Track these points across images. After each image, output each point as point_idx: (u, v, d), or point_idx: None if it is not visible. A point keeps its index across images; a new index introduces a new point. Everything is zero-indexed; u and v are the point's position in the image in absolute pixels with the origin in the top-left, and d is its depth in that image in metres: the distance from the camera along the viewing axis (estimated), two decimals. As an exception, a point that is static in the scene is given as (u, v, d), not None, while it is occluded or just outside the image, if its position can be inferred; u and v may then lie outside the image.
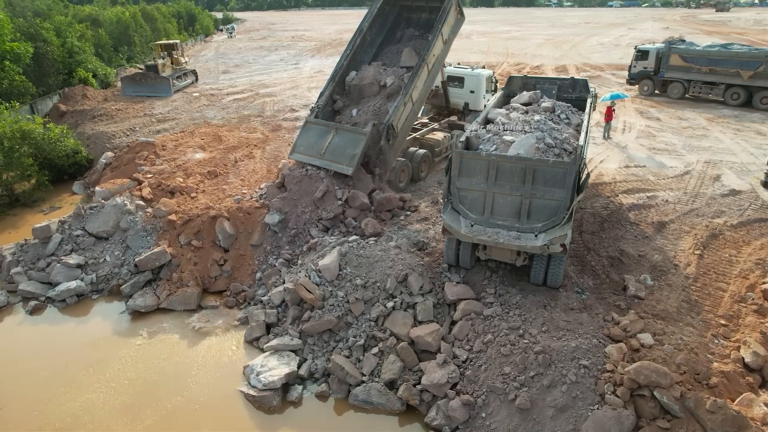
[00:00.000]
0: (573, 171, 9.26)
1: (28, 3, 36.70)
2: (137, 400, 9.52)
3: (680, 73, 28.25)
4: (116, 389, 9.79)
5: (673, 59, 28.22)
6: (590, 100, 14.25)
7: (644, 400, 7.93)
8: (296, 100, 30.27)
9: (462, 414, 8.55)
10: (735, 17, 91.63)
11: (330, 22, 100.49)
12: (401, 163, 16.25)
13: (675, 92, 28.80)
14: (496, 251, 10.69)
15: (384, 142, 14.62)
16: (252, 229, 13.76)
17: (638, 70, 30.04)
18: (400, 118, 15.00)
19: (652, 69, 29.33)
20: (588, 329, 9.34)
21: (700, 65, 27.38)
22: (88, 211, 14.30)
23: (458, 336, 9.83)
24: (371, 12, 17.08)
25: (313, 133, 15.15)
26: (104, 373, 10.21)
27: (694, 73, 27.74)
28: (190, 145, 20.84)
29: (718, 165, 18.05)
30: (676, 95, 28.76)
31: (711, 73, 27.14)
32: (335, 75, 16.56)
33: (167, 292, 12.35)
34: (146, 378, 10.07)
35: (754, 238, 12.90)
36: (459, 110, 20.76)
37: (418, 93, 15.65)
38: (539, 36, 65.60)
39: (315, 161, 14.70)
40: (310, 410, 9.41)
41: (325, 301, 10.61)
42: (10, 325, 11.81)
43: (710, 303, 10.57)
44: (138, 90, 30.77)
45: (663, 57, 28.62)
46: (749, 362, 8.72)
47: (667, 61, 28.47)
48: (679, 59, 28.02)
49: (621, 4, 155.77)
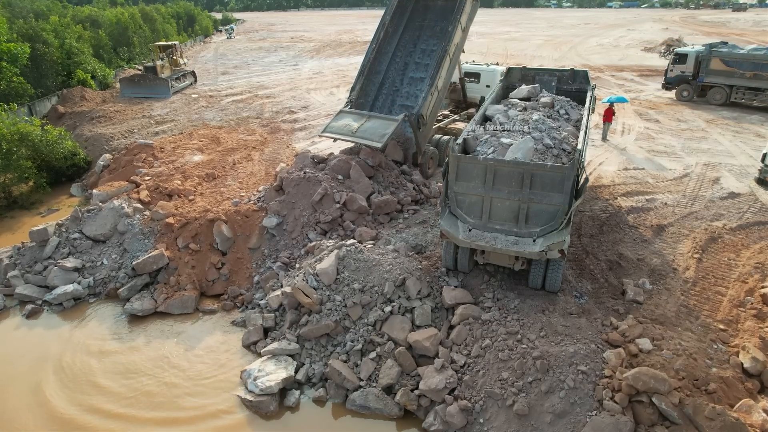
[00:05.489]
0: (571, 175, 9.19)
1: (27, 4, 36.68)
2: (133, 405, 9.47)
3: (721, 77, 26.71)
4: (112, 393, 9.74)
5: (713, 63, 26.75)
6: (590, 93, 14.16)
7: (643, 407, 7.89)
8: (295, 101, 30.24)
9: (460, 419, 8.50)
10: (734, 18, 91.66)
11: (329, 23, 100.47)
12: (431, 152, 17.51)
13: (716, 98, 27.24)
14: (494, 256, 10.64)
15: (415, 130, 16.20)
16: (250, 233, 13.72)
17: (675, 75, 28.58)
18: (428, 107, 16.41)
19: (690, 73, 27.89)
20: (586, 334, 9.30)
21: (743, 70, 25.83)
22: (85, 214, 14.25)
23: (456, 341, 9.79)
24: (392, 5, 18.40)
25: (346, 119, 16.41)
26: (101, 377, 10.16)
27: (737, 78, 26.20)
28: (189, 147, 20.80)
29: (717, 167, 18.04)
30: (717, 101, 27.21)
31: (756, 79, 25.52)
32: (363, 69, 17.92)
33: (165, 295, 12.30)
34: (142, 382, 10.01)
35: (753, 242, 12.87)
36: (476, 103, 22.08)
37: (443, 81, 17.04)
38: (538, 37, 65.64)
39: (346, 138, 15.95)
40: (307, 415, 9.37)
41: (322, 306, 10.57)
42: (7, 329, 11.75)
43: (709, 307, 10.53)
44: (137, 91, 30.74)
45: (703, 61, 27.20)
46: (748, 368, 8.68)
47: (707, 65, 27.01)
48: (720, 63, 26.53)
49: (620, 5, 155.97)
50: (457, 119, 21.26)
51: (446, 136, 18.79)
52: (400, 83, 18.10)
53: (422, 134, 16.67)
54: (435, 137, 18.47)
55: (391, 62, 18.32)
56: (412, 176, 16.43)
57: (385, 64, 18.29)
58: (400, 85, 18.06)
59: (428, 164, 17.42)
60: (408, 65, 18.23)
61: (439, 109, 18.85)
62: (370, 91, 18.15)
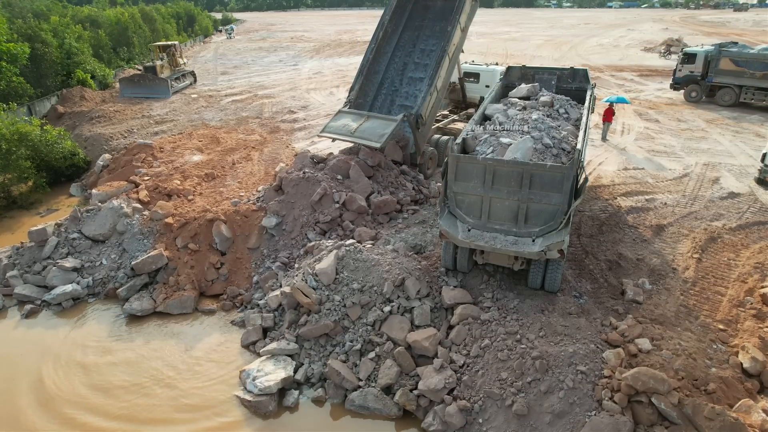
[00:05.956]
0: (570, 175, 9.17)
1: (27, 4, 36.67)
2: (132, 405, 9.46)
3: (731, 78, 26.35)
4: (111, 394, 9.73)
5: (723, 63, 26.40)
6: (590, 91, 14.13)
7: (642, 407, 7.88)
8: (295, 101, 30.23)
9: (459, 420, 8.49)
10: (735, 18, 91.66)
11: (329, 23, 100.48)
12: (429, 152, 17.51)
13: (725, 98, 26.90)
14: (493, 256, 10.63)
15: (414, 130, 16.24)
16: (249, 233, 13.71)
17: (684, 75, 28.11)
18: (427, 107, 16.48)
19: (699, 73, 27.46)
20: (586, 334, 9.29)
21: (753, 70, 25.45)
22: (84, 214, 14.24)
23: (455, 341, 9.77)
24: (391, 5, 18.40)
25: (345, 119, 16.42)
26: (99, 377, 10.15)
27: (747, 78, 25.82)
28: (188, 147, 20.79)
29: (717, 167, 18.03)
30: (726, 102, 26.88)
31: (766, 79, 25.21)
32: (363, 69, 17.95)
33: (164, 295, 12.28)
34: (141, 382, 10.00)
35: (753, 242, 12.86)
36: (475, 104, 22.03)
37: (442, 81, 17.06)
38: (538, 37, 65.64)
39: (345, 138, 15.94)
40: (306, 415, 9.36)
41: (321, 306, 10.56)
42: (6, 329, 11.74)
43: (708, 307, 10.52)
44: (136, 91, 30.72)
45: (712, 60, 26.82)
46: (748, 368, 8.66)
47: (716, 65, 26.64)
48: (730, 63, 26.18)
49: (620, 5, 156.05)
50: (456, 119, 21.33)
51: (445, 136, 18.80)
52: (399, 83, 18.10)
53: (421, 134, 16.72)
54: (434, 137, 18.49)
55: (390, 62, 18.33)
56: (412, 176, 16.42)
57: (385, 64, 18.30)
58: (399, 85, 18.06)
59: (427, 164, 17.43)
60: (407, 65, 18.24)
61: (439, 109, 18.87)
62: (369, 91, 18.14)
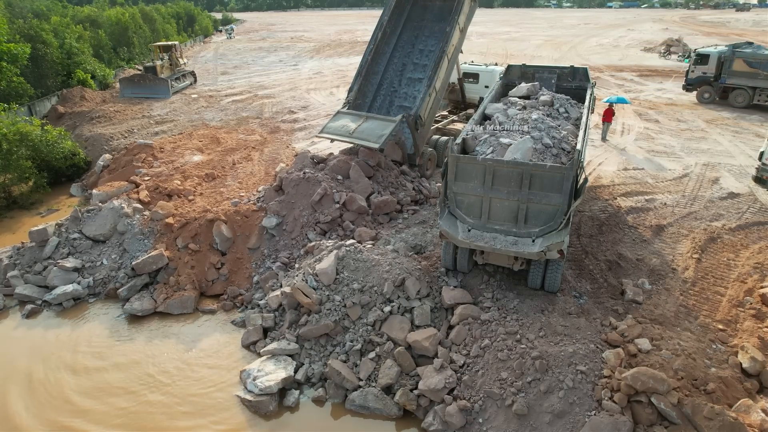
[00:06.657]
0: (570, 176, 9.19)
1: (27, 4, 36.68)
2: (132, 405, 9.48)
3: (744, 79, 26.03)
4: (111, 393, 9.74)
5: (736, 64, 26.13)
6: (590, 90, 14.13)
7: (641, 407, 7.89)
8: (295, 101, 30.25)
9: (459, 419, 8.51)
10: (735, 18, 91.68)
11: (329, 23, 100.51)
12: (429, 153, 17.48)
13: (739, 100, 26.63)
14: (493, 256, 10.64)
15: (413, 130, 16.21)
16: (249, 233, 13.72)
17: (696, 76, 27.78)
18: (426, 108, 16.43)
19: (712, 75, 27.20)
20: (585, 334, 9.31)
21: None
22: (85, 214, 14.26)
23: (455, 341, 9.79)
24: (390, 5, 18.33)
25: (343, 120, 16.37)
26: (100, 377, 10.16)
27: (761, 80, 25.54)
28: (188, 147, 20.81)
29: (717, 167, 18.05)
30: (740, 103, 26.61)
31: None
32: (362, 70, 17.90)
33: (164, 295, 12.30)
34: (142, 382, 10.02)
35: (753, 242, 12.88)
36: (474, 104, 21.92)
37: (441, 82, 17.01)
38: (538, 37, 65.66)
39: (344, 138, 15.92)
40: (306, 415, 9.37)
41: (322, 306, 10.58)
42: (6, 329, 11.75)
43: (708, 307, 10.54)
44: (136, 91, 30.74)
45: (725, 62, 26.51)
46: (747, 368, 8.67)
47: (729, 67, 26.37)
48: (743, 64, 25.90)
49: (620, 5, 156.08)
50: (455, 120, 21.32)
51: (444, 137, 18.78)
52: (398, 84, 18.11)
53: (420, 135, 16.70)
54: (433, 138, 18.48)
55: (389, 63, 18.33)
56: (413, 176, 16.44)
57: (383, 65, 18.31)
58: (398, 85, 18.07)
59: (426, 165, 17.42)
60: (406, 66, 18.25)
61: (438, 110, 18.85)
62: (368, 92, 18.15)
